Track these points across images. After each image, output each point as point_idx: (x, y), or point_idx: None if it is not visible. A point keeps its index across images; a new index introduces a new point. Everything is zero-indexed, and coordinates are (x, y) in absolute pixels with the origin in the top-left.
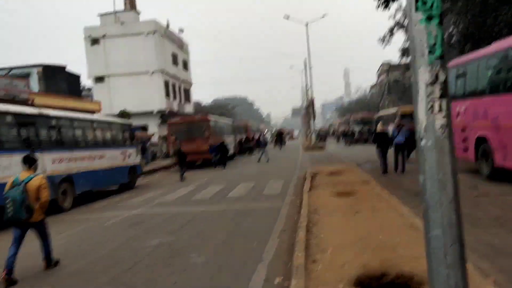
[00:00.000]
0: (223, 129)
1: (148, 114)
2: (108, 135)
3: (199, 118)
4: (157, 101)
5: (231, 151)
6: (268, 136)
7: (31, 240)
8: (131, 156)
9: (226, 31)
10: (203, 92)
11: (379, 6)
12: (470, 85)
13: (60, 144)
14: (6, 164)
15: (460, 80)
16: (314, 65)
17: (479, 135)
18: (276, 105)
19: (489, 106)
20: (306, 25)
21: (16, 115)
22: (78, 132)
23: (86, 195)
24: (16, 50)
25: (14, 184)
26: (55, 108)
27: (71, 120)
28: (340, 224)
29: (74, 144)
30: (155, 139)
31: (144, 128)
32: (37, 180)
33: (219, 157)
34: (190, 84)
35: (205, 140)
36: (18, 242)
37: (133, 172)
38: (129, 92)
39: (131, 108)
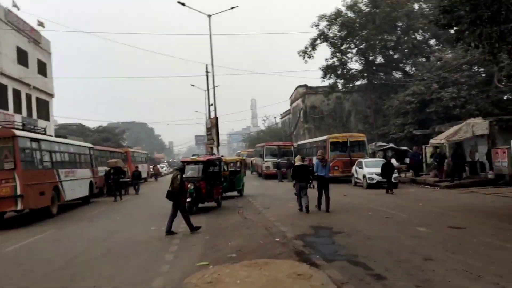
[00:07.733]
0: (65, 157)
1: None
2: None
3: None
4: None
5: (83, 192)
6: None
7: None
8: None
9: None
10: (96, 115)
11: None
12: None
13: None
14: None
15: None
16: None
17: None
18: (178, 133)
19: None
20: (209, 16)
21: None
22: None
23: None
24: None
25: None
26: None
27: None
28: None
29: None
30: None
31: None
32: None
33: None
34: (50, 95)
35: (7, 175)
36: None
37: None
38: None
39: None
